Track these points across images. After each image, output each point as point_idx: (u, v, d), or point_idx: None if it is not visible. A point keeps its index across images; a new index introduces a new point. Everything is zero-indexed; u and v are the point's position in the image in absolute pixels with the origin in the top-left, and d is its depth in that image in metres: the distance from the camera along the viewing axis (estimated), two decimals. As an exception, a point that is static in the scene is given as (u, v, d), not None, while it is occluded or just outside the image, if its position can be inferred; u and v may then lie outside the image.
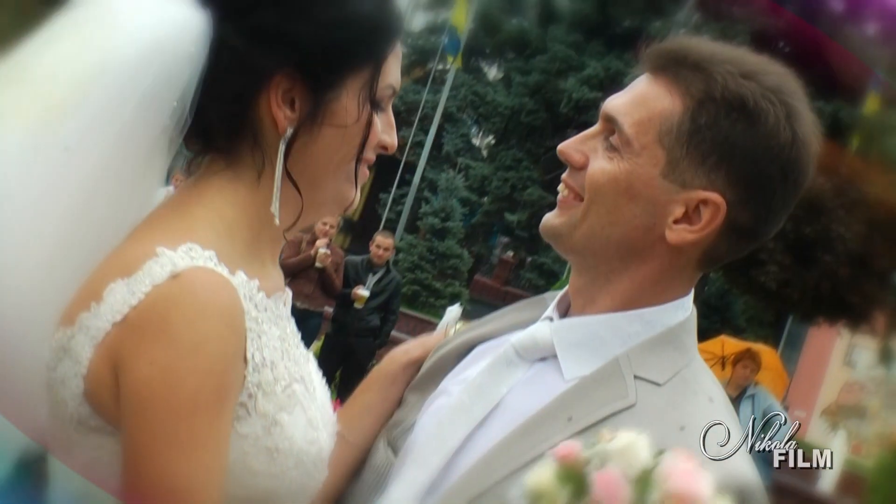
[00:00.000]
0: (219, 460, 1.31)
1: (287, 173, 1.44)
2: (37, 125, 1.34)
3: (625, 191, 1.51)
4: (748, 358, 10.20)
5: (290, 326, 1.51)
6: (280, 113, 1.42)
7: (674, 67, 1.53)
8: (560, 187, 1.61)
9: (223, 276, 1.35)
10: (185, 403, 1.27)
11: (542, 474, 1.21)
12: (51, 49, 1.38)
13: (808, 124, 1.52)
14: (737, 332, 17.61)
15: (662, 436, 1.21)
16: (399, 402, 1.75)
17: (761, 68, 1.52)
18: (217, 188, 1.45)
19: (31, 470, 1.40)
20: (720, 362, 10.21)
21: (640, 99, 1.55)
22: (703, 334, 1.63)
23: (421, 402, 1.70)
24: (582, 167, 1.56)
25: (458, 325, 1.82)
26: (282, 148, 1.43)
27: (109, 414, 1.32)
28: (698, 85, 1.50)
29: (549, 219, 1.61)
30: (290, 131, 1.43)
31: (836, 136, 19.63)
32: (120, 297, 1.31)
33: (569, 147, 1.59)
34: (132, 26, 1.38)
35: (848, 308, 14.17)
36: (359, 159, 1.50)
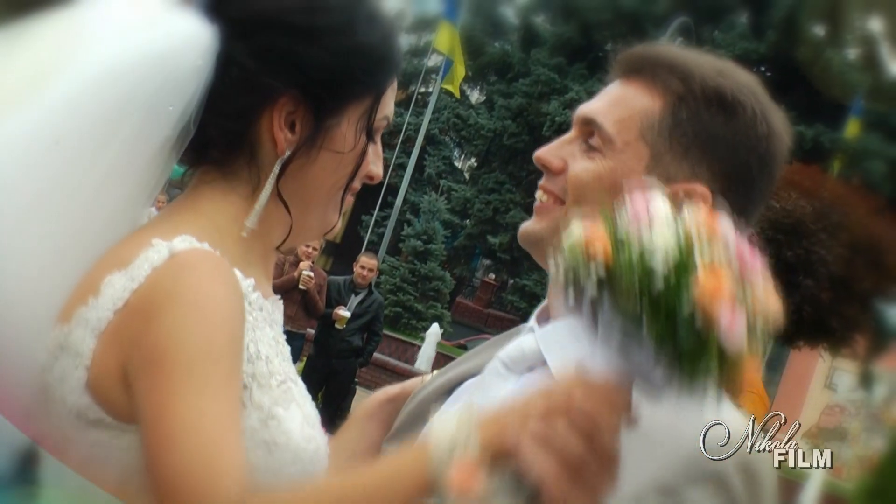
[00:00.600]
0: (237, 414, 1.29)
1: (279, 193, 1.45)
2: (26, 118, 1.34)
3: (609, 188, 1.51)
4: (730, 381, 10.22)
5: (283, 336, 1.50)
6: (281, 134, 1.43)
7: (649, 68, 1.56)
8: (538, 194, 1.61)
9: (222, 258, 1.35)
10: (198, 355, 1.26)
11: (575, 230, 1.23)
12: (49, 44, 1.38)
13: (779, 119, 1.56)
14: (718, 355, 17.63)
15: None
16: (378, 444, 1.72)
17: (730, 67, 1.57)
18: (209, 198, 1.45)
19: (29, 466, 1.39)
20: (702, 385, 10.23)
21: (616, 100, 1.57)
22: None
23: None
24: (560, 172, 1.57)
25: (433, 371, 1.81)
26: (276, 168, 1.44)
27: (112, 404, 1.31)
28: (676, 82, 1.53)
29: (528, 225, 1.60)
30: (288, 152, 1.44)
31: (818, 160, 19.78)
32: (119, 286, 1.31)
33: (546, 153, 1.60)
34: (139, 35, 1.38)
35: (829, 332, 14.17)
36: (347, 187, 1.51)
